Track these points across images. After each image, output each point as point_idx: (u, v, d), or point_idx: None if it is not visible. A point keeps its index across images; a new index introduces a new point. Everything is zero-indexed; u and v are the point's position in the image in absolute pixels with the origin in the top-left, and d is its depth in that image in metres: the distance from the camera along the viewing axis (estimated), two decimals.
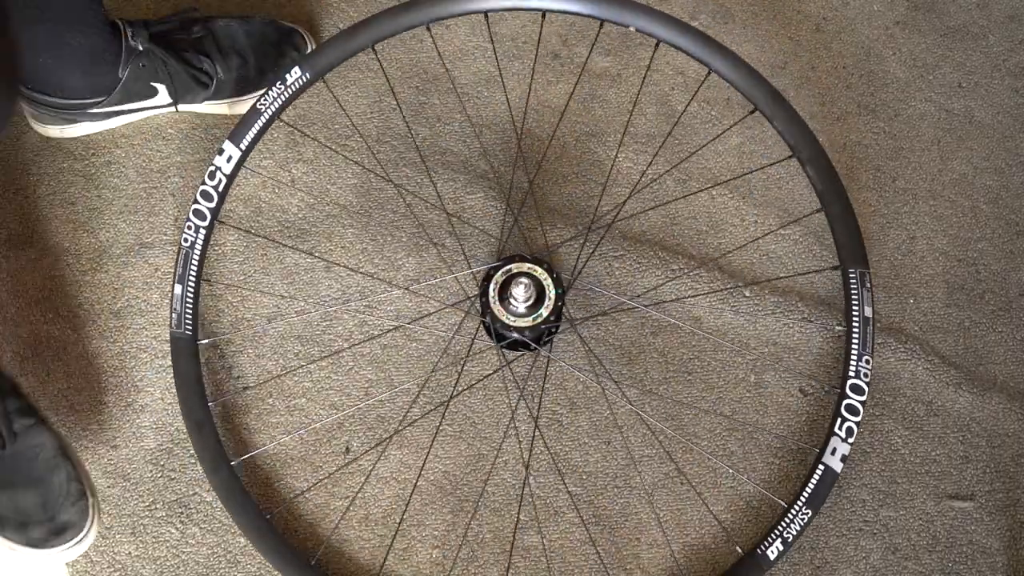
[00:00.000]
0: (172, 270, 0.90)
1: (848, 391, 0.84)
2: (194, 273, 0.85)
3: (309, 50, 0.99)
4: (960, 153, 1.03)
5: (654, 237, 0.96)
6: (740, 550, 0.83)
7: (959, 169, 1.03)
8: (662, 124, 1.01)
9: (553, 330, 0.87)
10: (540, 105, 1.01)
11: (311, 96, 0.99)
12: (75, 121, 0.93)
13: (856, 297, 0.85)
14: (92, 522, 0.75)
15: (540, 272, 0.85)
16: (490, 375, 0.89)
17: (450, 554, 0.84)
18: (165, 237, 0.93)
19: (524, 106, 1.00)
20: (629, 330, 0.92)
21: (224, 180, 0.87)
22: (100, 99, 0.90)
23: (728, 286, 0.94)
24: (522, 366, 0.90)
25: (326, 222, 0.94)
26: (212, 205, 0.87)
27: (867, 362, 0.84)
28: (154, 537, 0.83)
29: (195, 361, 0.84)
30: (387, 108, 0.99)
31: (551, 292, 0.84)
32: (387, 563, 0.83)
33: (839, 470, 0.82)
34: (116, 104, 0.92)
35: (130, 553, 0.82)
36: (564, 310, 0.86)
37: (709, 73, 0.87)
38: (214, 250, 0.92)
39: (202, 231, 0.87)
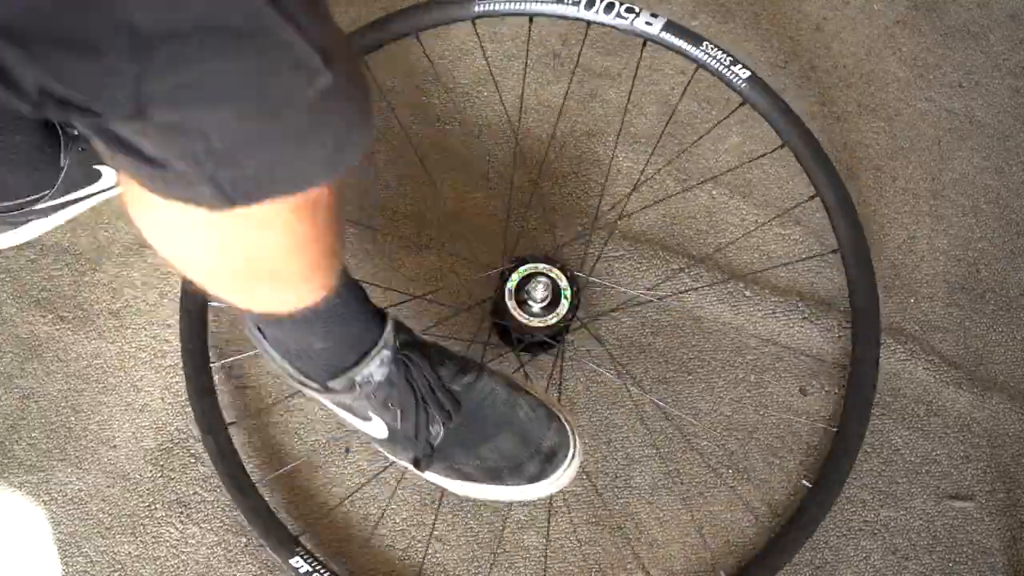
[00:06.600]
0: (170, 269, 0.90)
1: None
2: None
3: None
4: (961, 153, 1.03)
5: (654, 237, 0.96)
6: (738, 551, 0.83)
7: (959, 169, 1.02)
8: (663, 124, 1.01)
9: (566, 329, 0.87)
10: (540, 105, 1.01)
11: None
12: (24, 223, 0.87)
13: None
14: (572, 435, 0.74)
15: (555, 272, 0.84)
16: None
17: (451, 554, 0.84)
18: None
19: (521, 105, 1.00)
20: (629, 330, 0.92)
21: None
22: (44, 193, 0.83)
23: (728, 285, 0.94)
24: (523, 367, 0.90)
25: None
26: None
27: None
28: (154, 537, 0.83)
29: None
30: (384, 108, 0.99)
31: (566, 292, 0.83)
32: (387, 563, 0.83)
33: None
34: (62, 195, 0.85)
35: (130, 553, 0.82)
36: (578, 309, 0.85)
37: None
38: None
39: None
